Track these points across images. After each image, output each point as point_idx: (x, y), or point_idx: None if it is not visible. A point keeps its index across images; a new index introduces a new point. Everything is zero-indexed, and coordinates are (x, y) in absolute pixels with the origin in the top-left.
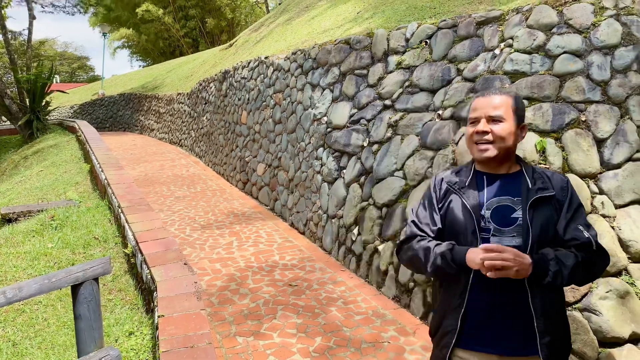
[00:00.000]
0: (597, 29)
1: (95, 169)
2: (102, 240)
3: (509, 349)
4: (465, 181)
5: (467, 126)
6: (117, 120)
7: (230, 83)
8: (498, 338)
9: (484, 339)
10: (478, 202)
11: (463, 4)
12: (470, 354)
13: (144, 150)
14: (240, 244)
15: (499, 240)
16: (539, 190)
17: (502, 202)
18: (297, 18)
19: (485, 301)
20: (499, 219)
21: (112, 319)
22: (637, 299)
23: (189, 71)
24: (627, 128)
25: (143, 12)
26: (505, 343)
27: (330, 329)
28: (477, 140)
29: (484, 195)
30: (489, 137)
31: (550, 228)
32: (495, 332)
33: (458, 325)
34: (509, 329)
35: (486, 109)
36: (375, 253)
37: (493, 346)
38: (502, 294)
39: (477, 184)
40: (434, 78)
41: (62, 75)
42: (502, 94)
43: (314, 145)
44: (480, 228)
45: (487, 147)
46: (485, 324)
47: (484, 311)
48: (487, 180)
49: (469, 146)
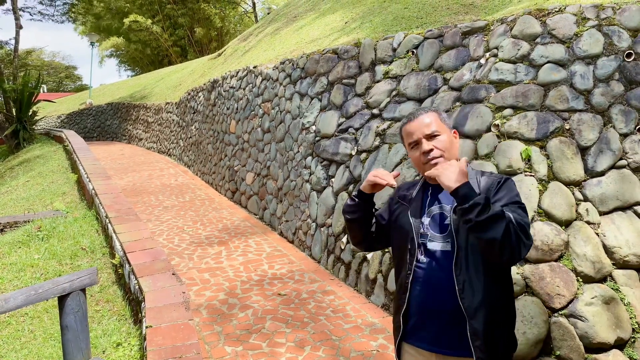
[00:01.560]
0: (579, 39)
1: (82, 179)
2: (89, 251)
3: (443, 349)
4: (411, 194)
5: (410, 152)
6: (105, 129)
7: (219, 92)
8: (435, 337)
9: (423, 337)
10: (420, 211)
11: (449, 14)
12: (415, 350)
13: (132, 159)
14: (229, 254)
15: (434, 245)
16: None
17: (437, 210)
18: (285, 28)
19: (422, 302)
20: (435, 226)
21: (99, 330)
22: (622, 304)
23: (177, 80)
24: (610, 136)
25: (131, 22)
26: (441, 343)
27: (319, 338)
28: (425, 160)
29: (426, 204)
30: (435, 153)
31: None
32: (433, 332)
33: (401, 323)
34: (443, 329)
35: (420, 129)
36: (364, 262)
37: (431, 345)
38: (438, 295)
39: (422, 195)
40: (421, 87)
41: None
42: (426, 111)
43: (302, 154)
44: (421, 234)
45: (437, 161)
46: (423, 323)
47: (422, 311)
48: (432, 190)
49: (420, 168)
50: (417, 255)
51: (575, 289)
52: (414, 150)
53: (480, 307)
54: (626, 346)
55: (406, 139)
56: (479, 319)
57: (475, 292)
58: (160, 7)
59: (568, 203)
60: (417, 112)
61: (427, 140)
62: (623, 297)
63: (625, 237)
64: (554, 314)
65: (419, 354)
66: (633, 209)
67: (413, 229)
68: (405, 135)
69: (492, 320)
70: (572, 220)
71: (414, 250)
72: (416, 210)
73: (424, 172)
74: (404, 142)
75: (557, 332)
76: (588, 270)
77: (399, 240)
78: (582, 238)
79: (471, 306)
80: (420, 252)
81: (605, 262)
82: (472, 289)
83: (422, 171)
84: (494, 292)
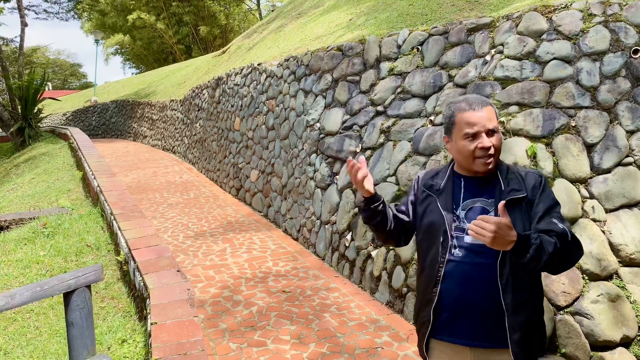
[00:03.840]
0: (585, 35)
1: (87, 176)
2: (94, 248)
3: (480, 342)
4: (440, 184)
5: (461, 141)
6: (109, 127)
7: (223, 90)
8: (469, 331)
9: (455, 332)
10: (452, 204)
11: (454, 11)
12: (444, 345)
13: (136, 157)
14: (234, 251)
15: (473, 239)
16: (511, 192)
17: (477, 203)
18: (289, 25)
19: (457, 297)
20: (473, 219)
21: (104, 326)
22: (627, 302)
23: (182, 78)
24: (616, 133)
25: (135, 19)
26: (475, 336)
27: (323, 335)
28: (482, 155)
29: (460, 196)
30: (492, 152)
31: (520, 229)
32: (466, 326)
33: (431, 317)
34: (479, 323)
35: (483, 123)
36: (369, 259)
37: (464, 339)
38: (472, 289)
39: (453, 186)
40: (426, 84)
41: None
42: (486, 104)
43: (307, 152)
44: (455, 227)
45: (490, 160)
46: (458, 317)
47: (456, 306)
48: (464, 182)
49: (467, 159)
50: (450, 248)
51: (580, 286)
52: (468, 140)
53: (521, 303)
54: (632, 344)
55: (462, 127)
56: (518, 314)
57: (518, 288)
58: (165, 5)
59: (574, 200)
60: (477, 100)
61: (487, 136)
62: (629, 295)
63: (631, 235)
64: (559, 312)
65: (451, 349)
66: (639, 207)
67: (446, 221)
68: (461, 122)
69: (530, 315)
70: (577, 218)
71: (447, 243)
72: (448, 202)
73: (469, 167)
74: (454, 128)
75: (563, 329)
76: (594, 268)
77: (428, 232)
78: (588, 236)
79: (512, 301)
80: (454, 245)
81: (611, 259)
82: (515, 285)
83: (467, 163)
84: (533, 289)
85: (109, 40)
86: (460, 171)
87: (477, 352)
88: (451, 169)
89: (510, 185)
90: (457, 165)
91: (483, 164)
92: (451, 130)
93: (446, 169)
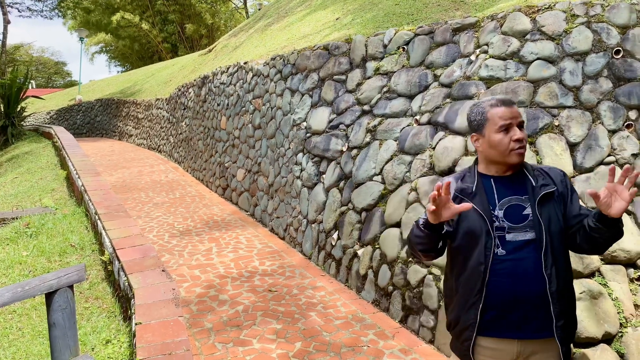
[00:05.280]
0: (568, 35)
1: (71, 175)
2: (78, 248)
3: (528, 334)
4: (472, 187)
5: (494, 135)
6: (94, 126)
7: (209, 88)
8: (517, 324)
9: (503, 327)
10: (488, 205)
11: (440, 11)
12: (492, 341)
13: (121, 156)
14: (220, 250)
15: (514, 236)
16: (543, 187)
17: (512, 201)
18: (276, 23)
19: (504, 293)
20: (512, 217)
21: (88, 327)
22: (609, 299)
23: (167, 76)
24: (598, 132)
25: (119, 20)
26: (525, 328)
27: (309, 334)
28: (515, 147)
29: (495, 196)
30: (524, 143)
31: (556, 219)
32: (515, 320)
33: (477, 319)
34: (527, 316)
35: (515, 116)
36: (355, 257)
37: (513, 332)
38: (520, 284)
39: (484, 187)
40: (412, 84)
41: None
42: (513, 102)
43: (293, 151)
44: (495, 227)
45: (522, 151)
46: (505, 312)
47: (504, 302)
48: (495, 182)
49: (502, 152)
50: (493, 249)
51: None
52: (501, 134)
53: (564, 290)
54: (614, 340)
55: (495, 121)
56: (562, 301)
57: (560, 277)
58: (151, 3)
59: None
60: (506, 98)
61: (519, 129)
62: (611, 292)
63: None
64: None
65: (499, 344)
66: None
67: (487, 223)
68: (494, 117)
69: (570, 301)
70: None
71: (490, 244)
72: (484, 203)
73: (504, 159)
74: (487, 123)
75: None
76: (576, 266)
77: (468, 237)
78: None
79: (557, 290)
80: (497, 244)
81: (594, 257)
82: (558, 274)
83: (501, 157)
84: (570, 276)
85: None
86: (488, 172)
87: (525, 343)
88: (477, 172)
89: (539, 181)
90: (484, 166)
91: (518, 155)
92: (483, 127)
93: (472, 173)
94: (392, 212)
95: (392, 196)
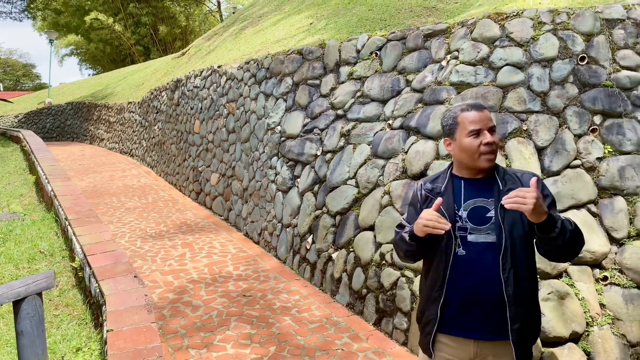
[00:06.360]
0: (536, 42)
1: (41, 180)
2: (48, 254)
3: (483, 335)
4: (441, 187)
5: (465, 139)
6: (65, 130)
7: (182, 92)
8: (474, 325)
9: (461, 326)
10: (453, 205)
11: (412, 17)
12: (450, 339)
13: (93, 160)
14: (193, 256)
15: (475, 237)
16: (509, 191)
17: (477, 203)
18: (250, 27)
19: (462, 292)
20: (475, 219)
21: (58, 335)
22: (576, 299)
23: (140, 79)
24: (565, 137)
25: (92, 21)
26: (481, 329)
27: (284, 338)
28: (486, 151)
29: (461, 197)
30: (494, 147)
31: (519, 225)
32: (471, 320)
33: (438, 314)
34: (483, 316)
35: (486, 121)
36: (330, 261)
37: (470, 332)
38: (477, 284)
39: (453, 188)
40: (384, 89)
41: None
42: (484, 107)
43: (268, 155)
44: (458, 228)
45: (492, 156)
46: (462, 312)
47: (461, 301)
48: (465, 184)
49: (472, 156)
50: (455, 247)
51: None
52: (472, 138)
53: (521, 295)
54: (581, 339)
55: (466, 125)
56: (519, 305)
57: (519, 281)
58: (123, 5)
59: None
60: (477, 103)
61: (489, 133)
62: (577, 292)
63: None
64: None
65: (457, 343)
66: (587, 207)
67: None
68: (465, 121)
69: (528, 307)
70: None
71: (451, 243)
72: (449, 203)
73: (474, 163)
74: (458, 128)
75: None
76: (545, 267)
77: (433, 235)
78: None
79: (514, 293)
80: (458, 244)
81: None
82: (516, 277)
83: (471, 160)
84: (532, 281)
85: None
86: (460, 173)
87: (481, 344)
88: (450, 173)
89: (507, 185)
90: (457, 168)
91: (487, 160)
92: (454, 131)
93: (445, 173)
94: (366, 216)
95: (366, 200)
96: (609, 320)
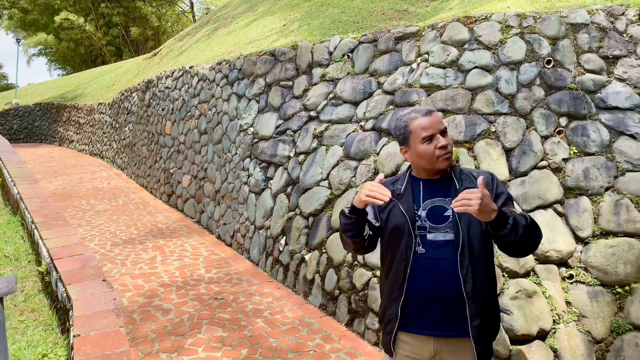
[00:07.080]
0: (504, 45)
1: (6, 183)
2: (13, 259)
3: (443, 332)
4: (400, 189)
5: (420, 146)
6: (32, 131)
7: (153, 93)
8: (434, 322)
9: (422, 323)
10: (413, 205)
11: (384, 20)
12: (411, 337)
13: (62, 162)
14: (164, 259)
15: (434, 236)
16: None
17: (435, 202)
18: (223, 28)
19: (422, 290)
20: (433, 218)
21: (23, 341)
22: (543, 297)
23: (111, 80)
24: (532, 138)
25: (62, 20)
26: (440, 326)
27: (256, 340)
28: (441, 154)
29: (420, 198)
30: (449, 149)
31: (476, 223)
32: (432, 317)
33: (399, 313)
34: (443, 313)
35: (437, 125)
36: (302, 262)
37: (430, 329)
38: (436, 281)
39: (412, 189)
40: (356, 90)
41: None
42: (432, 111)
43: (240, 156)
44: (418, 227)
45: (449, 156)
46: (423, 310)
47: (421, 299)
48: (423, 185)
49: (429, 161)
50: (414, 246)
51: (501, 284)
52: (426, 144)
53: (480, 291)
54: (547, 337)
55: (418, 132)
56: (478, 301)
57: (477, 278)
58: (94, 5)
59: None
60: (424, 109)
61: (442, 136)
62: (544, 291)
63: (546, 234)
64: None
65: (417, 340)
66: (553, 207)
67: (409, 222)
68: (416, 129)
69: (487, 303)
70: None
71: (411, 242)
72: (409, 204)
73: (432, 166)
74: (411, 136)
75: None
76: (513, 266)
77: (393, 235)
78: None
79: (472, 290)
80: (418, 243)
81: (528, 257)
82: (475, 274)
83: (429, 164)
84: (490, 277)
85: (31, 39)
86: (419, 175)
87: (441, 341)
88: (409, 175)
89: (464, 185)
90: (415, 171)
91: (444, 160)
92: (408, 139)
93: (404, 176)
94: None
95: (339, 201)
96: (574, 317)
